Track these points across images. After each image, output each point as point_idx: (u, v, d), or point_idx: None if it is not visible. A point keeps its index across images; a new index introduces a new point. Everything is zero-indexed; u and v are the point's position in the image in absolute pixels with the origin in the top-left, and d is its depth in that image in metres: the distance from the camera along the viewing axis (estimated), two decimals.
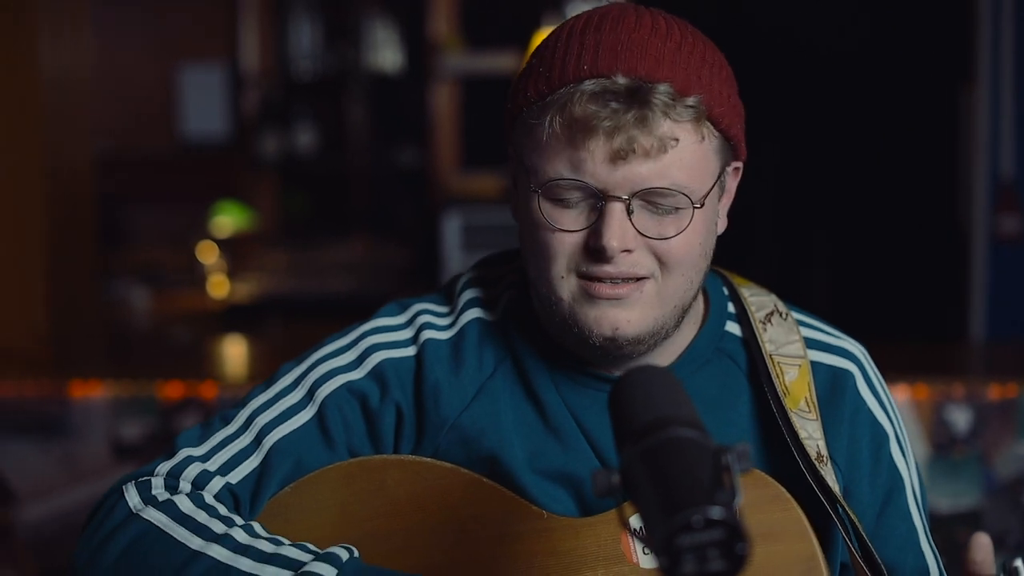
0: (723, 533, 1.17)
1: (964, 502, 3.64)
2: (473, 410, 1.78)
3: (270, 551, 1.64)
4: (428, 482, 1.72)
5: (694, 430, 1.28)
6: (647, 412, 1.31)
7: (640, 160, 1.60)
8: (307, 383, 1.80)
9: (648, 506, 1.21)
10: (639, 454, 1.26)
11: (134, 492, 1.71)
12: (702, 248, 1.69)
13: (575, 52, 1.64)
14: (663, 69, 1.61)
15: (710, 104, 1.64)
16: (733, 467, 1.26)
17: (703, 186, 1.66)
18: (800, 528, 1.61)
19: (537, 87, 1.67)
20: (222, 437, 1.78)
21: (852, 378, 1.83)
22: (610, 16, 1.67)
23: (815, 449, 1.73)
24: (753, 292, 1.89)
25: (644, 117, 1.59)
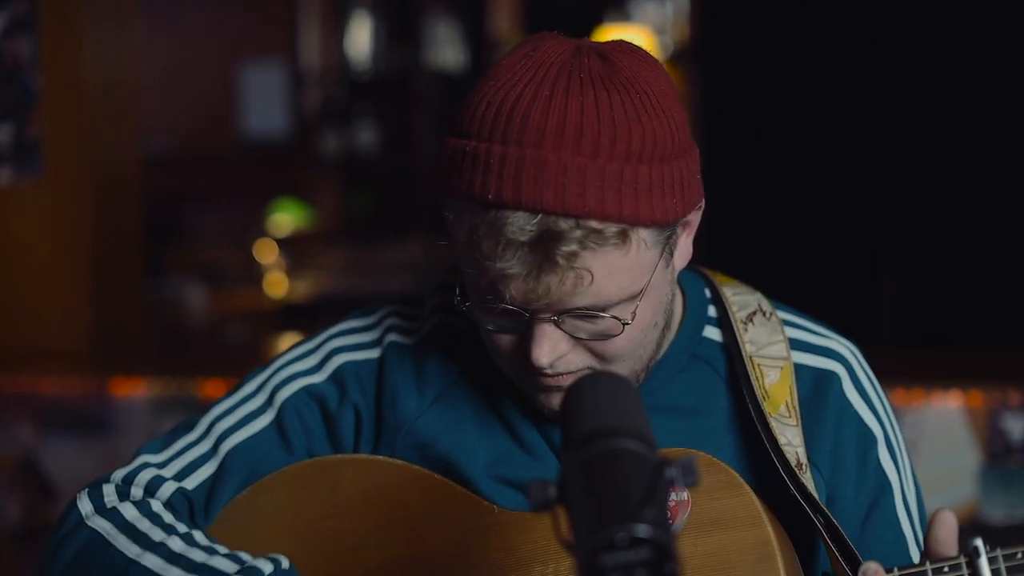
0: (651, 553, 1.12)
1: (1019, 513, 3.56)
2: (429, 416, 1.76)
3: (200, 560, 1.65)
4: (381, 480, 1.72)
5: (637, 442, 1.22)
6: (590, 422, 1.26)
7: (560, 295, 1.52)
8: (268, 388, 1.80)
9: (577, 521, 1.16)
10: (576, 465, 1.21)
11: (86, 500, 1.74)
12: (646, 331, 1.62)
13: (480, 166, 1.50)
14: (571, 198, 1.48)
15: (635, 216, 1.50)
16: (677, 481, 1.21)
17: (636, 287, 1.56)
18: (753, 513, 1.57)
19: (443, 182, 1.56)
20: (182, 444, 1.80)
21: (837, 380, 1.76)
22: (533, 114, 1.50)
23: (795, 456, 1.67)
24: (736, 291, 1.82)
25: (554, 265, 1.49)
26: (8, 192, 4.14)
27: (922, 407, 3.58)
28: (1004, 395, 3.54)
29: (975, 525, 3.55)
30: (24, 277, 4.18)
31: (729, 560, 1.55)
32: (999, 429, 3.56)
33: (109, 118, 4.26)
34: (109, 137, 4.27)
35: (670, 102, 1.56)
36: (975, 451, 3.57)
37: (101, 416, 3.80)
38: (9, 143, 4.09)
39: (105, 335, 4.18)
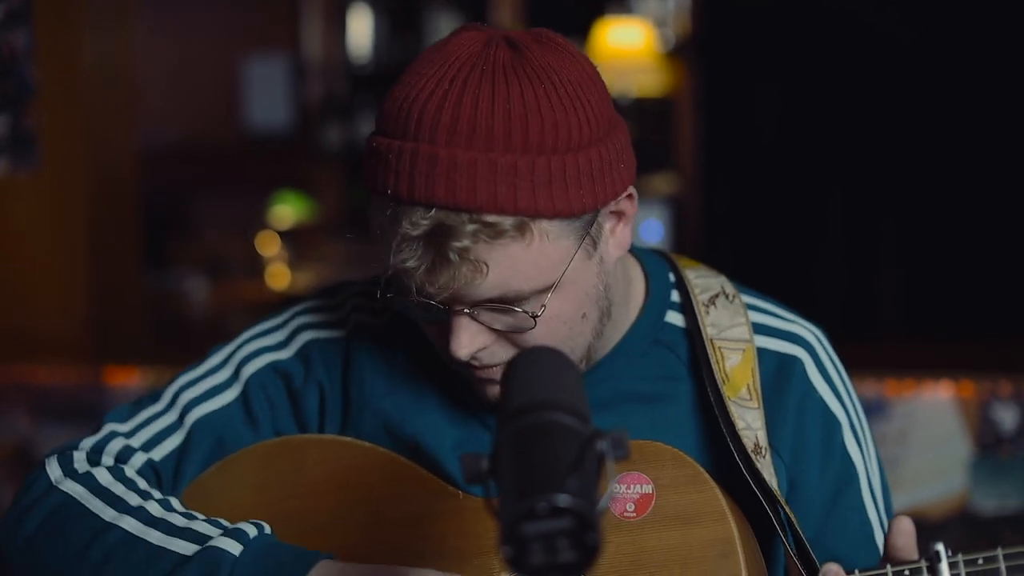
0: (572, 522, 1.12)
1: (1011, 504, 3.57)
2: (397, 395, 1.77)
3: (181, 524, 1.65)
4: (346, 461, 1.73)
5: (569, 415, 1.23)
6: (523, 395, 1.27)
7: (460, 287, 1.53)
8: (234, 361, 1.82)
9: (504, 491, 1.18)
10: (507, 437, 1.22)
11: (55, 465, 1.73)
12: (570, 322, 1.61)
13: (382, 163, 1.53)
14: (461, 193, 1.50)
15: (531, 208, 1.51)
16: (608, 455, 1.22)
17: (548, 279, 1.56)
18: (717, 509, 1.57)
19: (364, 172, 1.59)
20: (149, 414, 1.80)
21: (800, 364, 1.75)
22: (428, 110, 1.52)
23: (752, 440, 1.67)
24: (700, 274, 1.82)
25: (447, 260, 1.51)
26: (5, 184, 4.14)
27: (913, 398, 3.59)
28: (995, 385, 3.55)
29: (966, 516, 3.57)
30: (20, 267, 4.21)
31: (691, 555, 1.56)
32: (990, 419, 3.56)
33: (107, 110, 4.30)
34: (106, 129, 4.30)
35: (583, 91, 1.55)
36: (966, 441, 3.57)
37: (97, 405, 3.81)
38: (5, 135, 4.04)
39: (101, 325, 4.21)
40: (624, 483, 1.60)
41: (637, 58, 6.56)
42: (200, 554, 1.61)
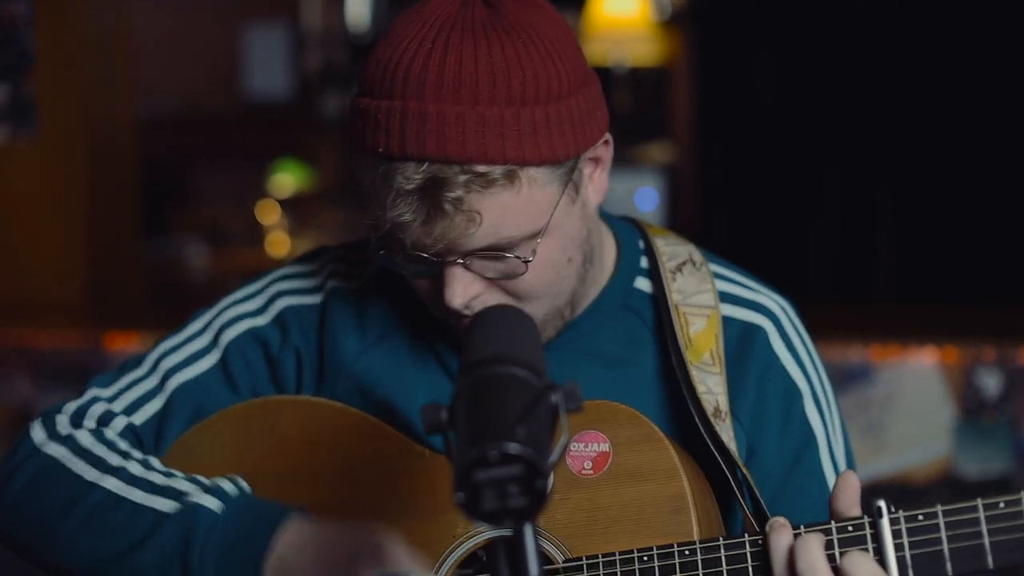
0: (522, 469, 1.17)
1: (994, 468, 3.62)
2: (369, 357, 1.81)
3: (161, 483, 1.70)
4: (318, 421, 1.77)
5: (523, 369, 1.29)
6: (482, 350, 1.33)
7: (455, 237, 1.57)
8: (214, 327, 1.85)
9: (459, 440, 1.23)
10: (464, 389, 1.28)
11: (39, 429, 1.78)
12: (558, 266, 1.66)
13: (371, 124, 1.57)
14: (451, 145, 1.55)
15: (519, 156, 1.56)
16: (560, 406, 1.27)
17: (536, 225, 1.61)
18: (670, 467, 1.61)
19: (351, 134, 1.63)
20: (130, 379, 1.85)
21: (764, 333, 1.79)
22: (413, 69, 1.57)
23: (713, 404, 1.71)
24: (668, 242, 1.86)
25: (442, 210, 1.55)
26: (4, 151, 4.21)
27: (898, 363, 3.62)
28: (979, 351, 3.59)
29: (950, 480, 3.62)
30: (20, 233, 4.25)
31: (644, 512, 1.60)
32: (974, 385, 3.60)
33: (105, 78, 4.33)
34: (105, 97, 4.33)
35: (559, 44, 1.60)
36: (950, 406, 3.62)
37: (96, 369, 3.82)
38: (5, 102, 4.15)
39: (100, 290, 4.26)
40: (582, 441, 1.64)
41: (632, 27, 6.57)
42: (180, 511, 1.65)
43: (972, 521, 1.49)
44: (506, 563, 1.25)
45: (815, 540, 1.50)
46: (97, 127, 4.30)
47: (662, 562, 1.56)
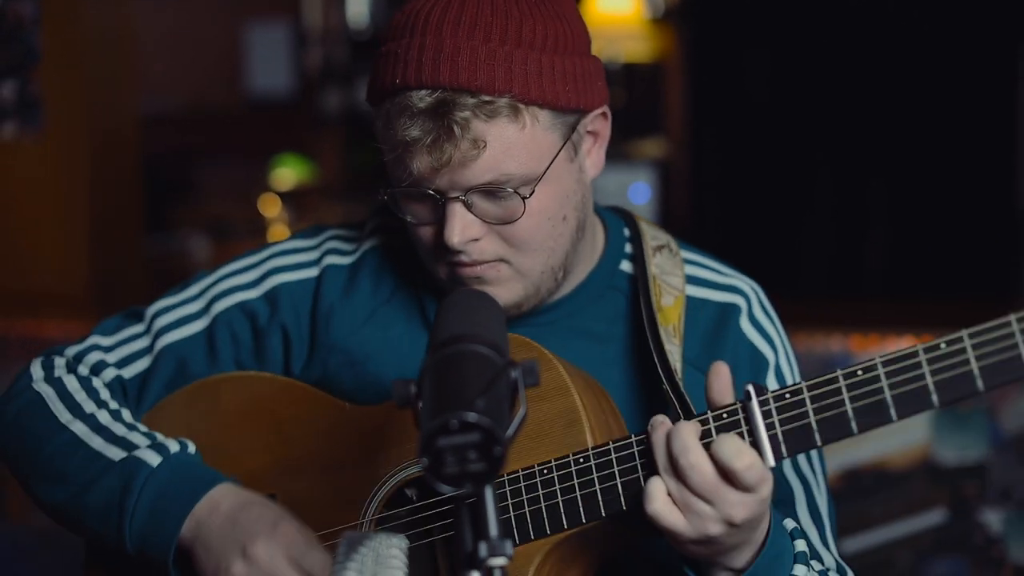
0: (480, 437, 1.28)
1: (971, 455, 3.68)
2: (362, 334, 1.93)
3: (120, 433, 1.86)
4: (253, 391, 1.92)
5: (486, 347, 1.40)
6: (448, 329, 1.44)
7: (460, 165, 1.69)
8: (208, 296, 1.99)
9: (424, 411, 1.34)
10: (431, 364, 1.39)
11: (38, 367, 1.96)
12: (554, 219, 1.78)
13: (391, 60, 1.72)
14: (463, 73, 1.68)
15: (524, 92, 1.69)
16: (520, 381, 1.38)
17: (538, 166, 1.73)
18: (562, 385, 1.70)
19: (369, 90, 1.77)
20: (129, 334, 2.00)
21: (737, 311, 1.93)
22: (433, 12, 1.72)
23: (673, 364, 1.81)
24: (651, 227, 2.00)
25: (449, 130, 1.67)
26: (11, 146, 4.30)
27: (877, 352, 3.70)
28: None
29: (928, 466, 3.68)
30: (26, 227, 4.36)
31: (542, 428, 1.69)
32: None
33: (109, 76, 4.42)
34: (108, 94, 4.43)
35: (568, 10, 1.77)
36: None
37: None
38: (12, 99, 4.22)
39: (103, 283, 4.36)
40: None
41: (626, 25, 6.65)
42: (124, 460, 1.81)
43: (835, 391, 1.56)
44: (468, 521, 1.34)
45: (687, 426, 1.58)
46: (101, 123, 4.38)
47: (560, 471, 1.66)
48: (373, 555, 1.31)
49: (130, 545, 1.80)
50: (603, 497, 1.64)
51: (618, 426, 1.78)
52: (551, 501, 1.67)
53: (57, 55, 4.25)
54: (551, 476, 1.67)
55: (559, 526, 1.66)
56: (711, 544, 1.59)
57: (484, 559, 1.29)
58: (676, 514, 1.57)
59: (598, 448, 1.66)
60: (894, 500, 3.72)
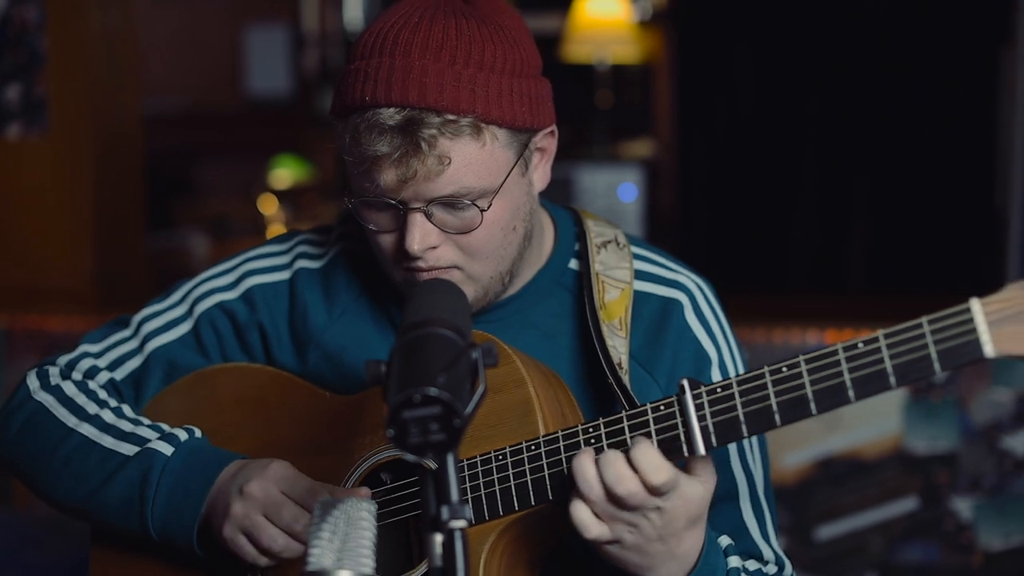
0: (441, 410, 1.41)
1: (941, 445, 3.77)
2: (335, 329, 2.06)
3: (128, 430, 1.99)
4: (247, 381, 2.06)
5: (449, 331, 1.53)
6: (416, 314, 1.57)
7: (425, 179, 1.80)
8: (190, 299, 2.12)
9: (391, 387, 1.46)
10: (399, 346, 1.52)
11: (34, 378, 2.08)
12: (505, 229, 1.89)
13: (360, 78, 1.82)
14: (430, 94, 1.78)
15: (485, 112, 1.81)
16: (480, 361, 1.51)
17: (494, 181, 1.85)
18: (518, 378, 1.82)
19: (336, 104, 1.87)
20: (116, 339, 2.12)
21: (680, 307, 2.02)
22: (401, 36, 1.82)
23: (617, 359, 1.93)
24: (599, 225, 2.10)
25: (417, 146, 1.78)
26: (17, 145, 4.39)
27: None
28: None
29: (900, 455, 3.78)
30: (32, 224, 4.42)
31: (500, 418, 1.81)
32: None
33: (111, 77, 4.48)
34: (111, 95, 4.48)
35: (521, 36, 1.89)
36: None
37: None
38: (18, 101, 4.35)
39: (106, 278, 4.42)
40: None
41: (614, 29, 6.72)
42: (139, 455, 1.94)
43: (761, 387, 1.65)
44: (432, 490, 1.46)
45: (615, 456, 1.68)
46: (104, 123, 4.43)
47: (514, 458, 1.77)
48: (345, 517, 1.44)
49: (154, 533, 1.93)
50: (551, 482, 1.75)
51: (574, 416, 1.90)
52: (504, 485, 1.77)
53: (61, 58, 4.33)
54: (505, 462, 1.78)
55: (511, 508, 1.77)
56: (629, 550, 1.70)
57: (446, 521, 1.40)
58: (600, 525, 1.69)
59: (548, 436, 1.77)
60: (867, 488, 3.80)
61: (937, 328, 1.59)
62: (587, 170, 5.82)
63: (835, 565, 3.84)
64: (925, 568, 3.79)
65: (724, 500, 1.96)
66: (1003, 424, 3.75)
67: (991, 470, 3.75)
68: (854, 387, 1.62)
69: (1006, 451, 3.75)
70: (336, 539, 1.43)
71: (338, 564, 1.40)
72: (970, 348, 1.58)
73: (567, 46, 6.82)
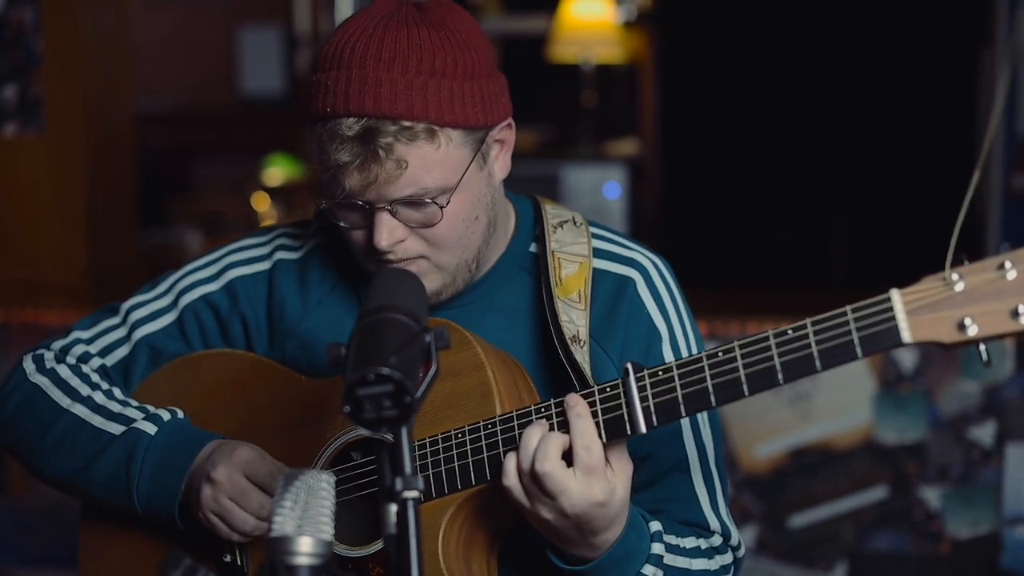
0: (393, 387, 1.50)
1: (910, 435, 3.84)
2: (311, 319, 2.15)
3: (116, 411, 2.09)
4: (229, 366, 2.16)
5: (404, 316, 1.62)
6: (374, 300, 1.67)
7: (385, 183, 1.90)
8: (175, 290, 2.21)
9: (348, 367, 1.55)
10: (357, 330, 1.62)
11: (30, 361, 2.18)
12: (467, 220, 1.99)
13: (321, 90, 1.91)
14: (384, 103, 1.87)
15: (439, 117, 1.90)
16: (433, 344, 1.61)
17: (452, 178, 1.94)
18: (477, 362, 1.92)
19: (305, 110, 1.97)
20: (106, 326, 2.22)
21: (633, 284, 2.09)
22: (356, 48, 1.91)
23: (573, 331, 2.01)
24: (556, 208, 2.19)
25: (375, 154, 1.87)
26: (14, 144, 4.47)
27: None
28: None
29: (871, 445, 3.85)
30: (28, 220, 4.50)
31: (460, 400, 1.91)
32: (892, 360, 3.82)
33: (105, 78, 4.55)
34: (105, 95, 4.56)
35: (472, 40, 1.98)
36: (870, 379, 3.84)
37: None
38: (14, 101, 4.44)
39: (100, 273, 4.50)
40: None
41: (599, 30, 6.78)
42: (125, 433, 2.05)
43: (699, 370, 1.75)
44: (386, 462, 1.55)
45: (554, 439, 1.80)
46: (98, 123, 4.50)
47: (472, 436, 1.88)
48: (306, 488, 1.52)
49: (139, 507, 2.04)
50: (506, 459, 1.84)
51: (531, 397, 1.99)
52: (463, 461, 1.88)
53: (56, 58, 4.41)
54: (464, 439, 1.88)
55: (468, 482, 1.87)
56: (542, 525, 1.83)
57: (400, 492, 1.49)
58: (521, 492, 1.81)
59: (503, 416, 1.87)
60: (839, 477, 3.87)
61: (860, 316, 1.69)
62: (573, 168, 5.90)
63: (808, 552, 3.90)
64: (895, 555, 3.84)
65: (676, 471, 2.05)
66: (970, 415, 3.81)
67: (958, 460, 3.81)
68: (783, 370, 1.71)
69: (973, 441, 3.80)
70: (297, 508, 1.50)
71: (299, 531, 1.49)
72: (889, 334, 1.67)
73: (553, 47, 6.89)
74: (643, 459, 2.02)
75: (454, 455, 1.89)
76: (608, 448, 1.82)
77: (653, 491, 2.06)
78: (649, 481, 2.05)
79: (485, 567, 1.97)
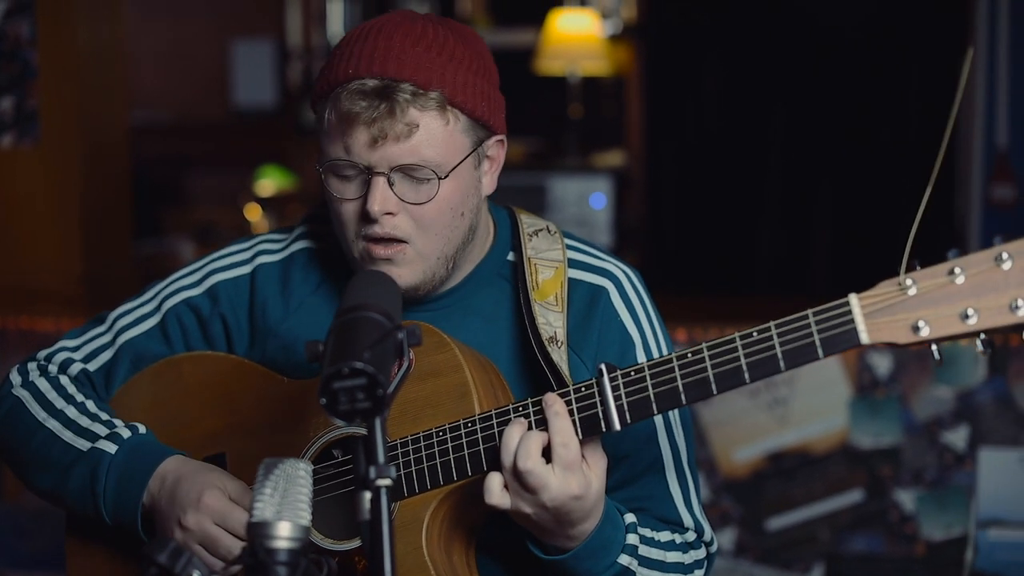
0: (365, 380, 1.59)
1: (885, 440, 3.86)
2: (292, 321, 2.22)
3: (85, 426, 2.17)
4: (211, 367, 2.22)
5: (378, 314, 1.71)
6: (350, 300, 1.75)
7: (392, 142, 1.99)
8: (159, 297, 2.29)
9: (325, 362, 1.64)
10: (333, 327, 1.70)
11: (16, 374, 2.27)
12: (454, 211, 2.07)
13: (345, 58, 2.03)
14: (407, 70, 1.99)
15: (452, 94, 2.01)
16: (405, 341, 1.70)
17: (451, 160, 2.03)
18: (456, 363, 1.99)
19: (321, 84, 2.07)
20: (93, 334, 2.30)
21: (606, 293, 2.16)
22: (384, 28, 2.05)
23: (550, 333, 2.08)
24: (531, 218, 2.27)
25: (391, 110, 1.98)
26: (10, 155, 4.52)
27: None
28: None
29: (847, 450, 3.88)
30: (24, 230, 4.53)
31: (438, 400, 1.99)
32: (867, 365, 3.86)
33: (100, 90, 4.59)
34: (100, 107, 4.60)
35: (486, 55, 2.11)
36: (846, 385, 3.87)
37: None
38: (11, 112, 4.48)
39: (94, 282, 4.54)
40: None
41: (586, 43, 6.86)
42: (89, 451, 2.12)
43: (669, 370, 1.83)
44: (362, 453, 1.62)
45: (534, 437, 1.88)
46: (93, 134, 4.54)
47: (452, 434, 1.96)
48: (284, 475, 1.60)
49: (109, 520, 2.11)
50: (485, 455, 1.93)
51: (506, 398, 2.06)
52: (444, 458, 1.95)
53: (52, 71, 4.45)
54: (445, 438, 1.96)
55: (450, 478, 1.95)
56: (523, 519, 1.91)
57: (373, 480, 1.56)
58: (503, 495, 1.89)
59: (483, 415, 1.95)
60: (815, 481, 3.89)
61: (820, 319, 1.77)
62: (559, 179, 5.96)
63: (785, 554, 3.92)
64: (871, 557, 3.85)
65: (650, 471, 2.12)
66: (943, 420, 3.83)
67: (932, 464, 3.84)
68: (749, 370, 1.79)
69: (946, 445, 3.83)
70: (276, 495, 1.58)
71: (278, 516, 1.56)
72: (848, 336, 1.76)
73: (541, 60, 6.95)
74: (620, 460, 2.09)
75: (436, 452, 1.96)
76: (583, 444, 1.89)
77: (630, 490, 2.12)
78: (626, 481, 2.12)
79: (464, 558, 2.05)
